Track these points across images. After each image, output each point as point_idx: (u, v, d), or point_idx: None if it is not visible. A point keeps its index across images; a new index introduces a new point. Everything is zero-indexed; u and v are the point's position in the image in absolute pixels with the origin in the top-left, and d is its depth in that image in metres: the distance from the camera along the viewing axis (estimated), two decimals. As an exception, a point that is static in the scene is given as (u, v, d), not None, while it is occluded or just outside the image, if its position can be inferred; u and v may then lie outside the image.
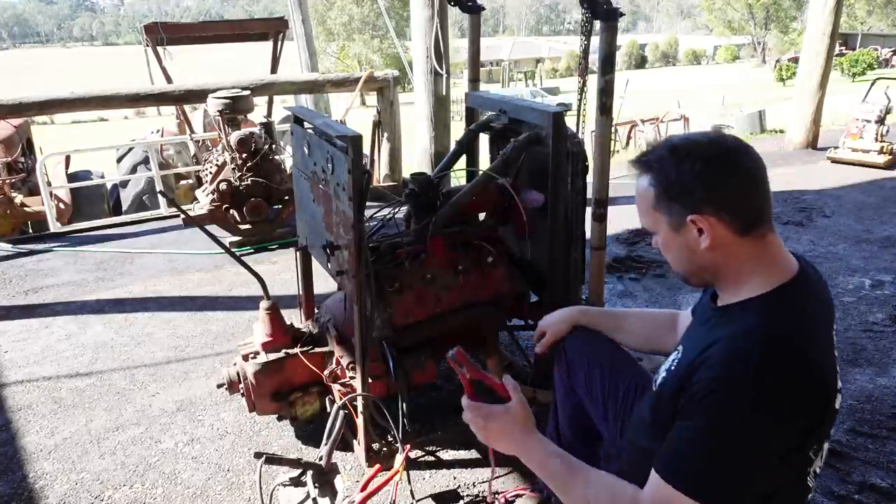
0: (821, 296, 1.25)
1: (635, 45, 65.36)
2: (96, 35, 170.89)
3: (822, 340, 1.16)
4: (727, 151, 1.19)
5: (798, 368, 1.07)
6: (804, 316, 1.15)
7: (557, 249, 2.41)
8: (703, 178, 1.18)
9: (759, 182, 1.20)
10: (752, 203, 1.19)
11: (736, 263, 1.21)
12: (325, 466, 2.08)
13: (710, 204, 1.18)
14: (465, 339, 2.54)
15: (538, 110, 2.37)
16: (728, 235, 1.19)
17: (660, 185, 1.23)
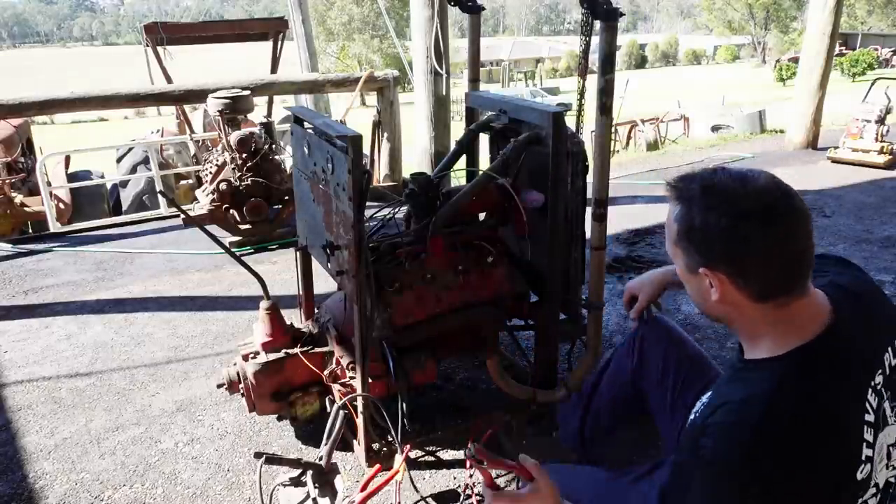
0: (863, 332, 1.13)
1: (635, 45, 65.37)
2: (96, 35, 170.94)
3: (841, 410, 1.05)
4: (763, 211, 1.05)
5: (796, 451, 1.00)
6: (821, 384, 1.05)
7: (557, 249, 2.41)
8: (725, 238, 1.08)
9: (792, 252, 1.07)
10: (775, 276, 1.07)
11: (748, 323, 1.14)
12: (325, 466, 2.08)
13: (725, 265, 1.09)
14: (465, 338, 2.54)
15: (538, 110, 2.37)
16: (740, 298, 1.11)
17: (683, 225, 1.14)
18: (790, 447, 0.99)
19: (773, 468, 0.98)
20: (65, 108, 5.81)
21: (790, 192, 1.09)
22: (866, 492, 1.09)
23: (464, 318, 2.39)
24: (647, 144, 13.44)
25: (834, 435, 1.03)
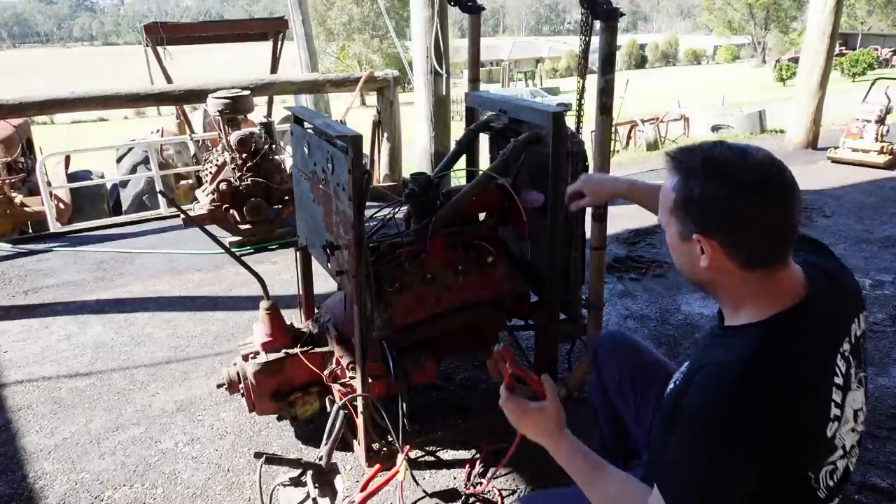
0: (834, 303, 1.21)
1: (635, 45, 65.35)
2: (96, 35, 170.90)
3: (818, 367, 1.14)
4: (760, 184, 1.11)
5: (772, 409, 1.06)
6: (797, 347, 1.13)
7: (557, 249, 2.41)
8: (722, 208, 1.13)
9: (782, 224, 1.13)
10: (764, 246, 1.14)
11: (733, 289, 1.20)
12: (325, 466, 2.08)
13: (720, 233, 1.14)
14: (465, 338, 2.54)
15: (538, 110, 2.37)
16: (729, 265, 1.16)
17: (682, 195, 1.18)
18: (767, 405, 1.06)
19: (752, 424, 1.05)
20: (65, 108, 5.81)
21: (783, 168, 1.14)
22: (834, 453, 1.17)
23: (464, 318, 2.39)
24: (647, 144, 13.45)
25: (807, 395, 1.11)
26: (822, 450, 1.16)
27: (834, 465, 1.19)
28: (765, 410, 1.06)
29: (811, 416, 1.12)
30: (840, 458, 1.20)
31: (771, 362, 1.10)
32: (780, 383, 1.07)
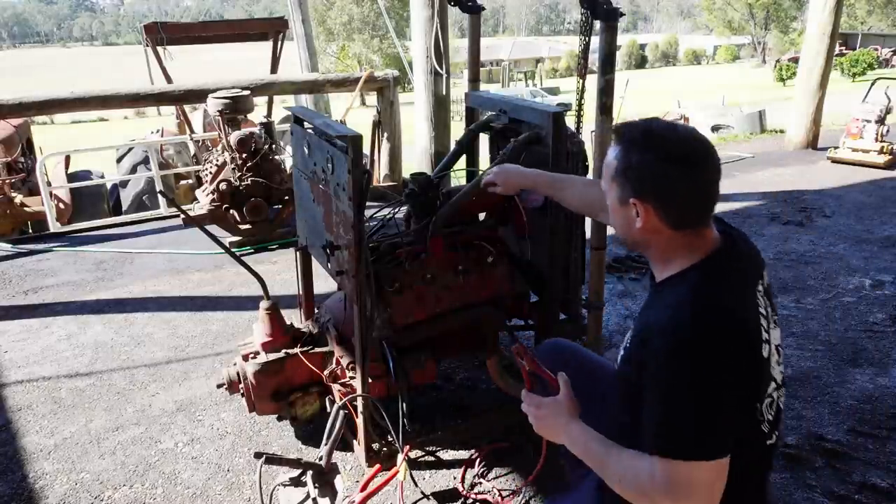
0: (745, 256, 1.38)
1: (635, 45, 65.31)
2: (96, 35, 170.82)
3: (747, 297, 1.30)
4: (689, 155, 1.27)
5: (726, 325, 1.21)
6: (728, 279, 1.29)
7: (557, 249, 2.41)
8: (656, 175, 1.29)
9: (706, 191, 1.30)
10: (692, 208, 1.30)
11: (664, 247, 1.35)
12: (325, 466, 2.08)
13: (653, 198, 1.29)
14: (465, 338, 2.54)
15: (538, 110, 2.38)
16: (660, 225, 1.31)
17: (622, 163, 1.33)
18: (721, 323, 1.21)
19: (715, 343, 1.18)
20: (65, 108, 5.81)
21: (708, 144, 1.32)
22: (770, 383, 1.30)
23: (464, 318, 2.39)
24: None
25: (746, 311, 1.27)
26: (766, 375, 1.28)
27: (771, 398, 1.31)
28: (721, 329, 1.20)
29: (752, 334, 1.25)
30: (774, 390, 1.32)
31: (712, 291, 1.25)
32: (726, 305, 1.24)
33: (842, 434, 2.57)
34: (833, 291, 3.88)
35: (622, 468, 1.27)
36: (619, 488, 1.28)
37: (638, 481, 1.23)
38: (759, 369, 1.26)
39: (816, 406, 2.77)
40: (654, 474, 1.20)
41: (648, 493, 1.22)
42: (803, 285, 3.97)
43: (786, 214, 5.35)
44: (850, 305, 3.69)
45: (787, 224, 5.12)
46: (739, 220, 5.23)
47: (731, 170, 7.03)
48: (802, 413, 2.72)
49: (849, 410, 2.73)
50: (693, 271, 1.30)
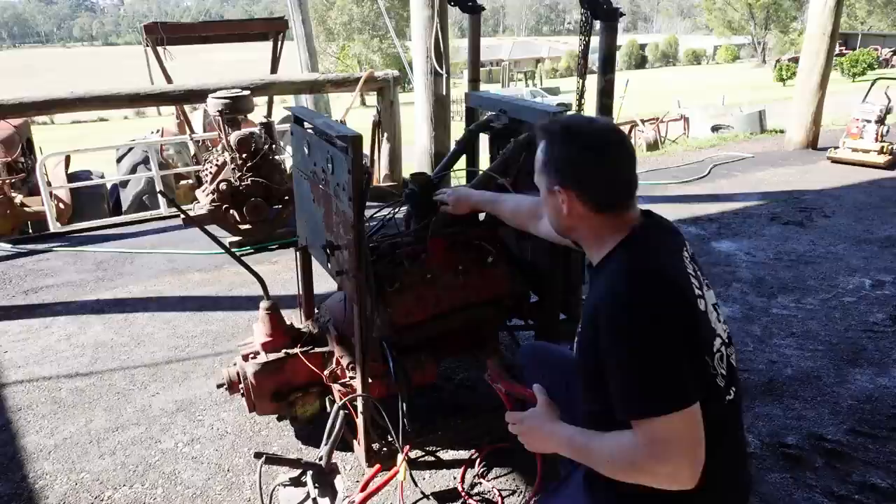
0: (667, 230, 1.50)
1: (635, 45, 65.29)
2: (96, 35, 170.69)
3: (674, 260, 1.40)
4: (603, 144, 1.41)
5: (660, 285, 1.30)
6: (655, 247, 1.40)
7: (557, 249, 2.41)
8: (573, 163, 1.42)
9: (622, 175, 1.42)
10: (609, 191, 1.41)
11: (592, 231, 1.45)
12: (325, 466, 2.08)
13: (573, 184, 1.41)
14: (465, 338, 2.54)
15: (538, 110, 2.38)
16: (584, 210, 1.42)
17: (546, 155, 1.47)
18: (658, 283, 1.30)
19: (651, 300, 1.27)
20: (65, 108, 5.80)
21: (621, 134, 1.47)
22: (715, 338, 1.39)
23: (464, 318, 2.39)
24: (647, 145, 13.43)
25: (677, 273, 1.36)
26: (707, 327, 1.36)
27: (720, 353, 1.39)
28: (654, 286, 1.29)
29: (685, 289, 1.34)
30: (722, 346, 1.40)
31: (640, 258, 1.36)
32: (655, 267, 1.34)
33: (842, 434, 2.57)
34: (833, 291, 3.88)
35: (607, 450, 1.31)
36: (611, 470, 1.31)
37: (624, 456, 1.26)
38: (699, 320, 1.33)
39: (816, 406, 2.77)
40: (635, 442, 1.24)
41: (636, 463, 1.25)
42: (803, 285, 3.97)
43: (786, 214, 5.35)
44: (850, 305, 3.69)
45: (787, 224, 5.12)
46: (739, 220, 5.23)
47: (731, 170, 7.04)
48: (802, 413, 2.72)
49: (849, 410, 2.73)
50: (621, 247, 1.40)
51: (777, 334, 3.39)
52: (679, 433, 1.21)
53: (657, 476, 1.23)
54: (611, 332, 1.28)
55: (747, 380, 2.96)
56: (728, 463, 1.40)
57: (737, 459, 1.46)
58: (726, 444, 1.39)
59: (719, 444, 1.34)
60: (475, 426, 2.58)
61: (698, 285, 1.39)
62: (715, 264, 4.33)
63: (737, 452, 1.46)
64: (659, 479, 1.23)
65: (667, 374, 1.23)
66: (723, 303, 3.75)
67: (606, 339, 1.29)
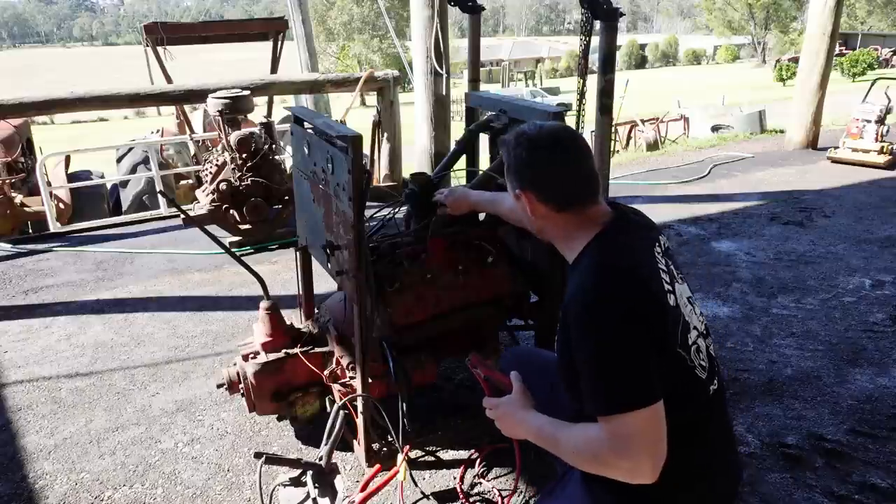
0: (639, 225, 1.51)
1: (635, 45, 65.29)
2: (96, 35, 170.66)
3: (644, 256, 1.41)
4: (552, 143, 1.45)
5: (628, 282, 1.32)
6: (622, 243, 1.41)
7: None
8: (527, 164, 1.46)
9: (575, 171, 1.45)
10: (567, 189, 1.45)
11: (560, 230, 1.48)
12: (325, 466, 2.08)
13: (531, 185, 1.46)
14: (465, 339, 2.54)
15: (538, 110, 2.37)
16: (546, 210, 1.46)
17: (505, 164, 1.51)
18: (621, 287, 1.31)
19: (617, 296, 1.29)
20: (65, 108, 5.80)
21: (572, 132, 1.50)
22: (690, 331, 1.40)
23: (464, 318, 2.39)
24: (647, 145, 13.42)
25: (645, 269, 1.37)
26: (677, 321, 1.36)
27: (696, 344, 1.41)
28: (620, 283, 1.31)
29: (653, 285, 1.35)
30: (699, 338, 1.42)
31: (609, 255, 1.38)
32: (623, 264, 1.35)
33: (842, 434, 2.57)
34: (833, 291, 3.88)
35: (574, 441, 1.34)
36: (576, 460, 1.34)
37: (589, 447, 1.30)
38: (667, 315, 1.33)
39: (816, 406, 2.77)
40: (600, 436, 1.27)
41: (599, 456, 1.28)
42: (803, 285, 3.97)
43: (786, 214, 5.35)
44: (850, 305, 3.69)
45: (787, 224, 5.12)
46: (739, 220, 5.23)
47: (731, 170, 7.04)
48: (802, 413, 2.72)
49: (849, 410, 2.73)
50: (591, 245, 1.42)
51: (777, 334, 3.39)
52: (641, 430, 1.23)
53: (618, 470, 1.26)
54: (579, 327, 1.31)
55: (747, 380, 2.96)
56: (717, 451, 1.43)
57: (725, 447, 1.48)
58: (714, 433, 1.42)
59: (707, 434, 1.38)
60: (475, 426, 2.58)
61: (669, 280, 1.40)
62: (715, 264, 4.33)
63: (725, 440, 1.49)
64: (620, 472, 1.26)
65: (631, 372, 1.25)
66: (722, 303, 3.75)
67: (575, 335, 1.31)
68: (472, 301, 2.38)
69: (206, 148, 6.46)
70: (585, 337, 1.29)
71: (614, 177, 5.90)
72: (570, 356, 1.34)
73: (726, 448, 1.49)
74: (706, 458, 1.36)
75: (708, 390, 1.41)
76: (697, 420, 1.33)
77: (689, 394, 1.36)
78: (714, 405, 1.43)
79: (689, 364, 1.36)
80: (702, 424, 1.36)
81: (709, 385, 1.41)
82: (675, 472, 1.28)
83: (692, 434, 1.34)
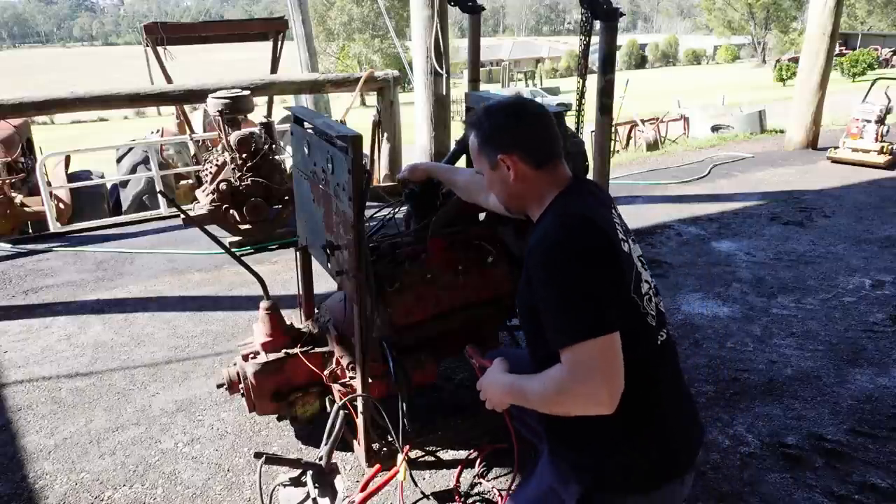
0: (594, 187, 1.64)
1: (635, 45, 65.26)
2: (96, 35, 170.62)
3: (603, 212, 1.52)
4: (521, 108, 1.60)
5: (587, 227, 1.42)
6: (585, 198, 1.54)
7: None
8: (506, 129, 1.58)
9: (544, 129, 1.59)
10: (541, 144, 1.58)
11: (537, 190, 1.59)
12: (325, 466, 2.08)
13: (513, 146, 1.56)
14: (465, 339, 2.54)
15: (538, 110, 2.37)
16: (527, 169, 1.56)
17: (479, 136, 1.61)
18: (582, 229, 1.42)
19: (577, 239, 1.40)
20: (65, 108, 5.80)
21: (535, 102, 1.66)
22: (642, 280, 1.50)
23: (464, 318, 2.39)
24: (647, 145, 13.42)
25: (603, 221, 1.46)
26: (629, 268, 1.46)
27: (648, 295, 1.51)
28: (581, 227, 1.42)
29: (609, 232, 1.45)
30: (650, 290, 1.53)
31: (571, 205, 1.51)
32: (584, 212, 1.46)
33: (842, 434, 2.57)
34: (833, 291, 3.88)
35: (539, 383, 1.44)
36: (542, 401, 1.44)
37: (553, 384, 1.39)
38: (622, 259, 1.44)
39: (816, 406, 2.77)
40: (562, 370, 1.37)
41: (562, 388, 1.37)
42: (803, 285, 3.97)
43: (786, 214, 5.35)
44: (850, 305, 3.69)
45: (787, 224, 5.12)
46: (739, 220, 5.23)
47: (731, 170, 7.04)
48: (802, 413, 2.72)
49: (849, 410, 2.73)
50: (555, 201, 1.56)
51: (777, 334, 3.39)
52: (598, 357, 1.33)
53: (578, 397, 1.35)
54: (541, 268, 1.41)
55: (747, 380, 2.96)
56: (669, 398, 1.53)
57: (678, 394, 1.58)
58: (664, 381, 1.53)
59: (657, 380, 1.50)
60: (475, 426, 2.58)
61: (623, 235, 1.52)
62: (715, 264, 4.33)
63: (676, 388, 1.58)
64: (581, 400, 1.36)
65: (590, 304, 1.35)
66: (722, 303, 3.75)
67: (538, 276, 1.42)
68: (472, 301, 2.38)
69: (206, 148, 6.46)
70: (548, 277, 1.40)
71: (614, 177, 5.89)
72: (531, 302, 1.44)
73: (680, 396, 1.59)
74: (656, 401, 1.48)
75: (656, 340, 1.51)
76: (648, 361, 1.46)
77: (640, 337, 1.46)
78: (665, 355, 1.54)
79: (641, 311, 1.47)
80: (652, 366, 1.48)
81: (657, 335, 1.51)
82: (631, 412, 1.38)
83: (644, 373, 1.44)
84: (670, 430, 1.51)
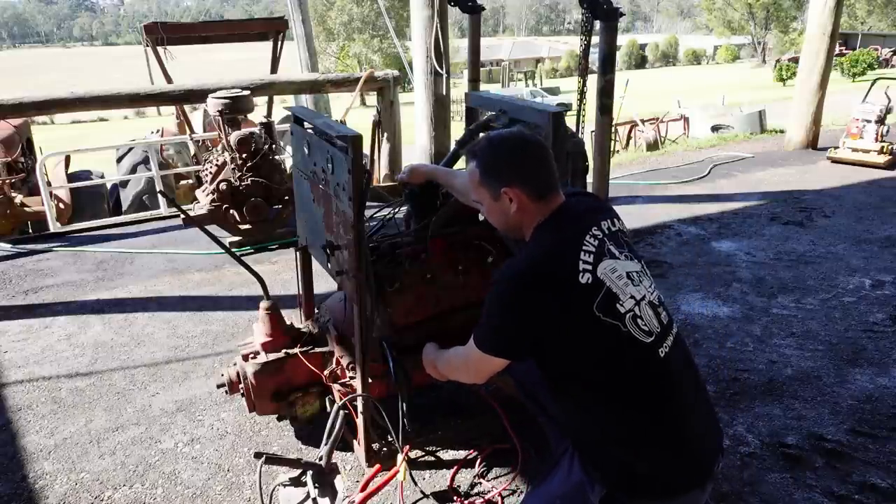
0: (578, 213, 1.70)
1: (635, 45, 65.24)
2: (96, 35, 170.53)
3: (573, 240, 1.60)
4: (523, 144, 1.68)
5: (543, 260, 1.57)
6: (557, 228, 1.64)
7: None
8: (510, 163, 1.67)
9: (545, 163, 1.68)
10: (540, 178, 1.68)
11: (532, 220, 1.69)
12: (325, 466, 2.08)
13: (516, 179, 1.66)
14: (465, 338, 2.54)
15: (538, 110, 2.37)
16: (527, 201, 1.66)
17: (482, 167, 1.70)
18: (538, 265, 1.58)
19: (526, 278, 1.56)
20: (65, 108, 5.80)
21: (536, 137, 1.75)
22: (621, 302, 1.55)
23: (464, 318, 2.39)
24: (647, 145, 13.41)
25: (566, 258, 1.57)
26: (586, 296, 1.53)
27: (633, 312, 1.56)
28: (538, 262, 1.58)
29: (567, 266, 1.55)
30: (635, 306, 1.57)
31: (543, 239, 1.65)
32: (549, 249, 1.60)
33: (842, 434, 2.57)
34: (833, 291, 3.88)
35: (447, 355, 1.91)
36: (444, 366, 1.92)
37: (456, 356, 1.86)
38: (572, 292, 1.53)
39: (816, 406, 2.77)
40: (463, 353, 1.78)
41: (451, 363, 1.90)
42: (803, 285, 3.97)
43: (786, 214, 5.35)
44: (850, 305, 3.69)
45: (787, 224, 5.12)
46: (739, 220, 5.23)
47: (731, 170, 7.04)
48: (802, 413, 2.72)
49: (849, 410, 2.73)
50: (537, 229, 1.67)
51: (777, 334, 3.39)
52: (476, 363, 1.72)
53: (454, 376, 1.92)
54: (492, 285, 1.64)
55: (747, 380, 2.97)
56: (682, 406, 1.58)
57: (691, 403, 1.61)
58: (675, 390, 1.58)
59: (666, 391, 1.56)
60: (475, 426, 2.58)
61: (593, 260, 1.57)
62: (715, 264, 4.33)
63: (690, 398, 1.62)
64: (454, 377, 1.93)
65: (502, 329, 1.62)
66: (723, 303, 3.75)
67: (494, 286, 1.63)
68: (472, 301, 2.38)
69: (206, 148, 6.46)
70: (490, 294, 1.63)
71: (614, 177, 5.90)
72: None
73: (696, 403, 1.63)
74: (671, 407, 1.55)
75: (656, 354, 1.56)
76: (650, 374, 1.54)
77: (626, 355, 1.54)
78: (671, 364, 1.58)
79: (622, 330, 1.53)
80: (657, 378, 1.55)
81: (656, 348, 1.56)
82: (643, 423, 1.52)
83: (646, 387, 1.54)
84: (688, 439, 1.57)
